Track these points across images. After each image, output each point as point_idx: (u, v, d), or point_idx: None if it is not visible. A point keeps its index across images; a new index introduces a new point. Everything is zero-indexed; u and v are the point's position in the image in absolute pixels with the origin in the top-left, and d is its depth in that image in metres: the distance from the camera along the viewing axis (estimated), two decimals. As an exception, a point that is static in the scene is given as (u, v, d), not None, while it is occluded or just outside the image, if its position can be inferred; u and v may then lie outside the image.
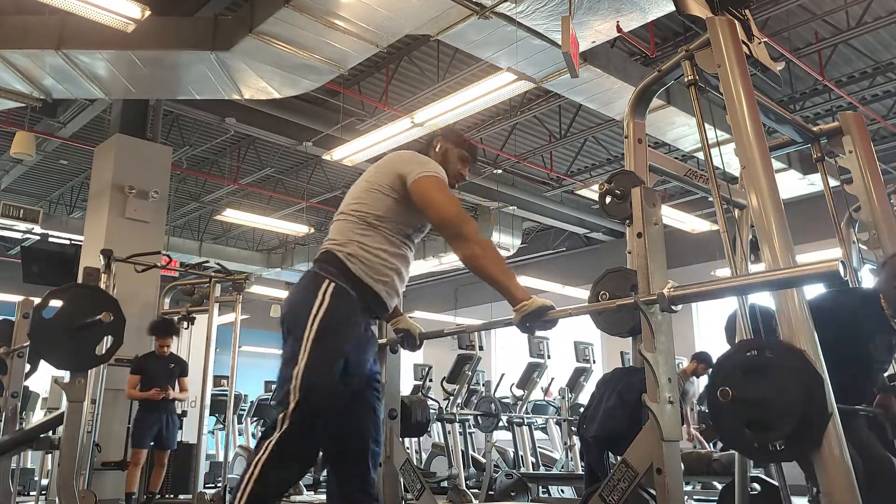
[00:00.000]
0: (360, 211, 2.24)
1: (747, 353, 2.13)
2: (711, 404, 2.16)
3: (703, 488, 6.59)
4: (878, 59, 7.74)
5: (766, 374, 2.07)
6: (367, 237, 2.19)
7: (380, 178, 2.27)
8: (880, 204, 3.20)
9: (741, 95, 2.52)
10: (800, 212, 6.45)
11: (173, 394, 6.08)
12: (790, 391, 2.01)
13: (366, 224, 2.20)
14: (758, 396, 2.03)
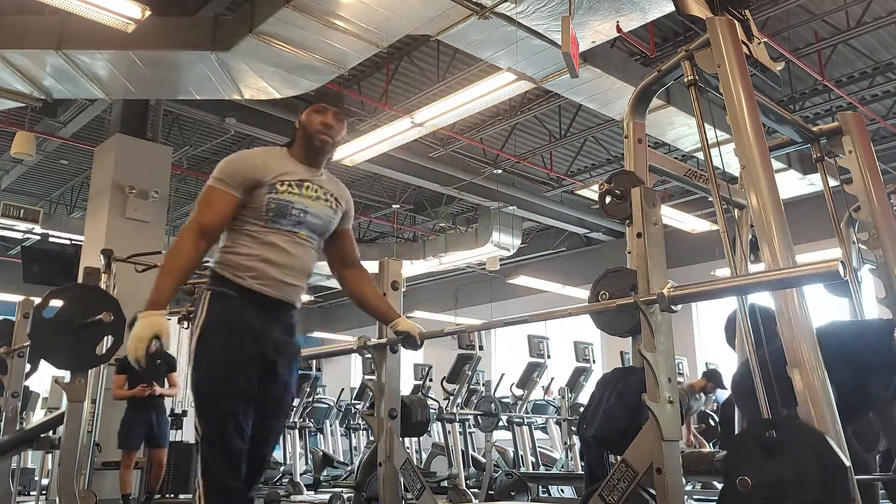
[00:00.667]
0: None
1: (765, 432, 2.04)
2: (727, 493, 2.09)
3: (703, 488, 6.59)
4: (878, 60, 7.75)
5: (786, 457, 1.98)
6: (227, 241, 2.27)
7: None
8: (880, 204, 3.20)
9: (741, 95, 2.52)
10: (800, 212, 6.45)
11: (160, 390, 6.03)
12: (812, 479, 1.91)
13: (227, 232, 2.28)
14: (776, 481, 1.94)
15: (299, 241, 2.29)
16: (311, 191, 2.32)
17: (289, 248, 2.26)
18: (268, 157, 2.33)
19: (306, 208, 2.29)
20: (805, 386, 2.15)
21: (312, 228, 2.32)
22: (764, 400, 2.12)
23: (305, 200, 2.30)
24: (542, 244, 13.83)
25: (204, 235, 2.20)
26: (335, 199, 2.41)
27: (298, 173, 2.32)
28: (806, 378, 2.17)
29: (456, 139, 9.63)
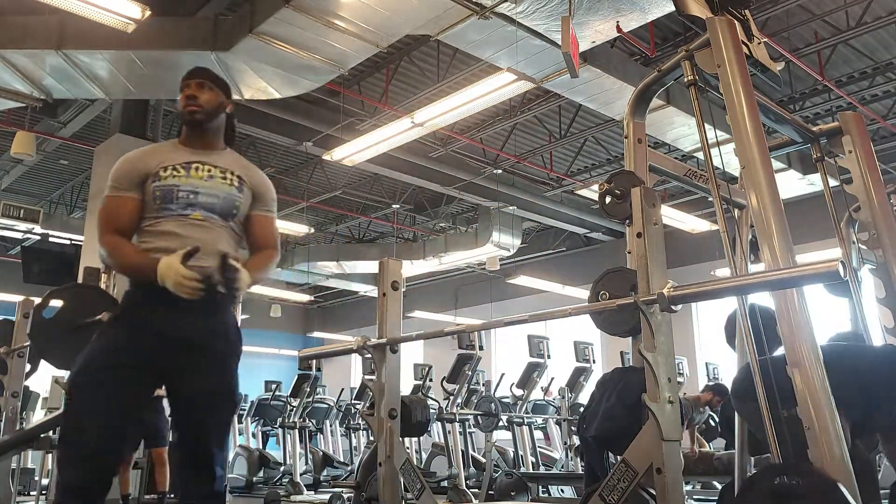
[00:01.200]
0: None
1: (775, 479, 2.02)
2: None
3: (703, 488, 6.60)
4: (878, 60, 7.75)
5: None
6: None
7: None
8: (880, 204, 3.20)
9: (741, 96, 2.52)
10: (800, 212, 6.47)
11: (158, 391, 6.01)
12: None
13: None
14: None
15: (195, 224, 2.18)
16: (202, 171, 2.25)
17: (182, 231, 2.17)
18: (153, 151, 2.32)
19: (196, 189, 2.21)
20: (805, 386, 2.15)
21: (209, 208, 2.22)
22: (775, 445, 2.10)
23: (195, 181, 2.23)
24: (541, 244, 13.83)
25: (116, 234, 2.19)
26: (237, 177, 2.32)
27: (185, 157, 2.27)
28: (806, 378, 2.17)
29: (456, 139, 9.63)
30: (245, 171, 2.37)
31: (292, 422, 8.62)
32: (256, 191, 2.38)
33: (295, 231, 12.06)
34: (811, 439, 2.10)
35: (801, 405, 2.14)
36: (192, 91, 2.31)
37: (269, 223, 2.41)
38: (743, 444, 2.93)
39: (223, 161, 2.34)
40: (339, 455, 10.10)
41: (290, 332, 18.18)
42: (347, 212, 12.77)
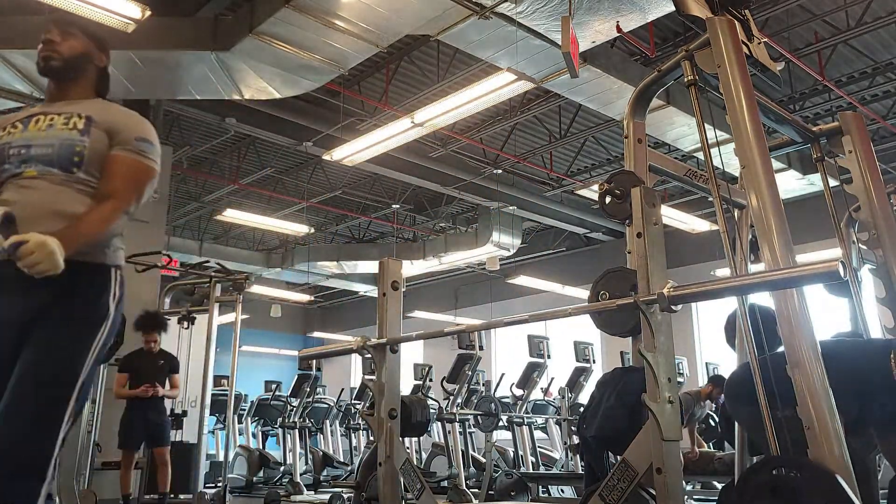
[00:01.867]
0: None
1: (773, 471, 2.04)
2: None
3: (703, 488, 6.60)
4: (878, 60, 7.75)
5: (796, 499, 1.96)
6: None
7: None
8: (880, 204, 3.20)
9: (741, 96, 2.52)
10: (800, 211, 6.46)
11: (162, 391, 5.99)
12: None
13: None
14: None
15: (25, 183, 1.86)
16: (42, 122, 1.93)
17: (11, 196, 1.85)
18: (9, 115, 2.05)
19: (29, 142, 1.89)
20: (805, 386, 2.15)
21: (45, 161, 1.87)
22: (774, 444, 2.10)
23: (30, 134, 1.91)
24: (541, 244, 13.84)
25: None
26: (84, 118, 1.93)
27: (32, 112, 1.98)
28: (806, 378, 2.17)
29: (456, 139, 9.63)
30: (101, 112, 1.98)
31: (292, 422, 8.62)
32: (111, 128, 1.95)
33: (295, 231, 12.07)
34: (811, 439, 2.10)
35: (801, 405, 2.14)
36: (51, 36, 2.04)
37: (119, 163, 1.93)
38: (743, 443, 2.93)
39: (73, 107, 1.97)
40: (339, 455, 10.10)
41: (290, 333, 18.19)
42: (347, 212, 12.78)
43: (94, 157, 1.90)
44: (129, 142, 1.95)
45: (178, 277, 7.94)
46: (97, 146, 1.91)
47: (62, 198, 1.86)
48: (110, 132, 1.94)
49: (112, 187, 1.92)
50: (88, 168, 1.89)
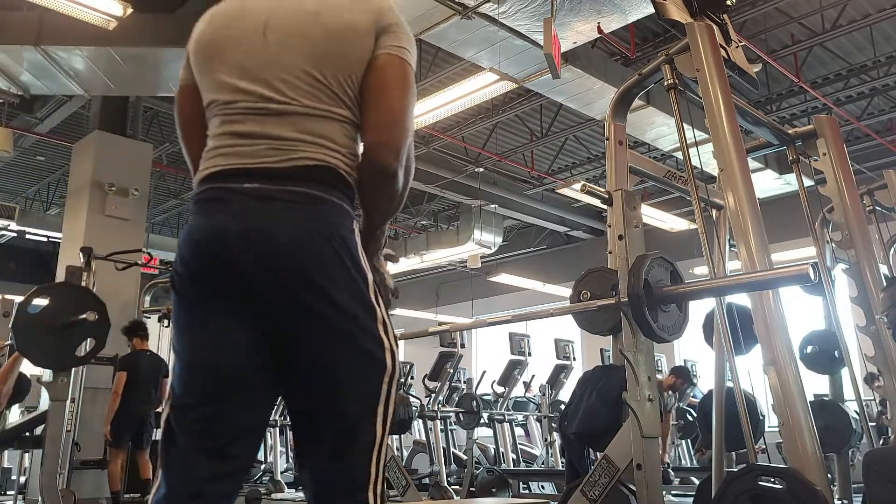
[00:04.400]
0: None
1: (757, 479, 2.07)
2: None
3: (680, 483, 6.69)
4: (853, 62, 7.89)
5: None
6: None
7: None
8: (853, 205, 3.28)
9: (719, 100, 2.58)
10: (776, 211, 6.56)
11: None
12: None
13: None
14: None
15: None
16: None
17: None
18: None
19: None
20: (780, 383, 2.21)
21: None
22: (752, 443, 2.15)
23: None
24: (523, 242, 13.90)
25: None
26: None
27: None
28: (781, 375, 2.23)
29: (438, 137, 9.65)
30: None
31: (273, 419, 8.60)
32: None
33: (276, 228, 11.97)
34: (785, 436, 2.16)
35: (775, 402, 2.20)
36: None
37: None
38: (721, 440, 2.99)
39: None
40: (321, 453, 10.08)
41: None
42: (329, 209, 12.73)
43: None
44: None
45: (158, 275, 7.90)
46: None
47: None
48: None
49: None
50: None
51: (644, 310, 2.04)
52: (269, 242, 1.23)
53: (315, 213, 1.27)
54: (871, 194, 4.14)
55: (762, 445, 3.15)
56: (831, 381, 3.79)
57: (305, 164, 1.28)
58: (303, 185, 1.27)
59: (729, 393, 2.85)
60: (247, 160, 1.29)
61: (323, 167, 1.29)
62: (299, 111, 1.30)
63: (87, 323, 3.69)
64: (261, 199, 1.26)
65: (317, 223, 1.26)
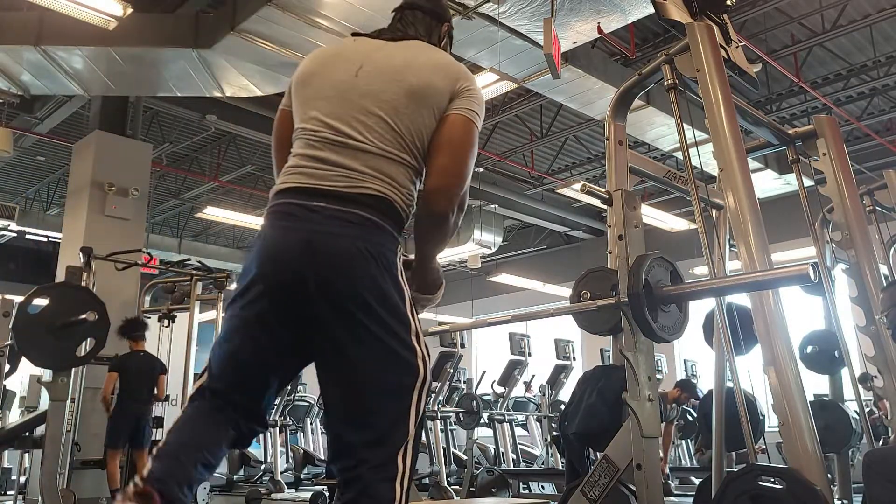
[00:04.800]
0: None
1: (757, 479, 2.06)
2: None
3: (680, 483, 6.70)
4: (852, 62, 7.89)
5: None
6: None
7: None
8: (852, 205, 3.28)
9: (719, 101, 2.58)
10: (776, 210, 6.56)
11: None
12: None
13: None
14: None
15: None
16: None
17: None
18: None
19: None
20: (779, 383, 2.21)
21: None
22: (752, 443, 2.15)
23: None
24: (523, 242, 13.90)
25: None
26: None
27: None
28: (781, 375, 2.23)
29: (438, 137, 9.64)
30: None
31: (273, 420, 8.60)
32: None
33: (276, 228, 11.98)
34: (785, 436, 2.16)
35: (775, 402, 2.20)
36: None
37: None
38: (721, 440, 2.99)
39: None
40: (320, 453, 10.09)
41: (270, 330, 18.08)
42: (329, 209, 12.73)
43: None
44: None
45: (158, 275, 7.90)
46: None
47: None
48: None
49: None
50: None
51: (644, 310, 2.04)
52: (326, 253, 1.45)
53: (366, 232, 1.48)
54: (871, 194, 4.14)
55: (762, 445, 3.15)
56: (831, 381, 3.79)
57: (367, 192, 1.51)
58: (361, 209, 1.49)
59: (729, 393, 2.85)
60: (320, 182, 1.51)
61: (381, 198, 1.52)
62: (370, 150, 1.53)
63: (87, 323, 3.69)
64: (325, 216, 1.47)
65: (366, 241, 1.47)
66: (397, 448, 1.45)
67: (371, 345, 1.45)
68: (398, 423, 1.46)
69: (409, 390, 1.48)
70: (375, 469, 1.43)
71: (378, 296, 1.45)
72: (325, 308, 1.44)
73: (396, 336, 1.47)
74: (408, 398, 1.48)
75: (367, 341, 1.45)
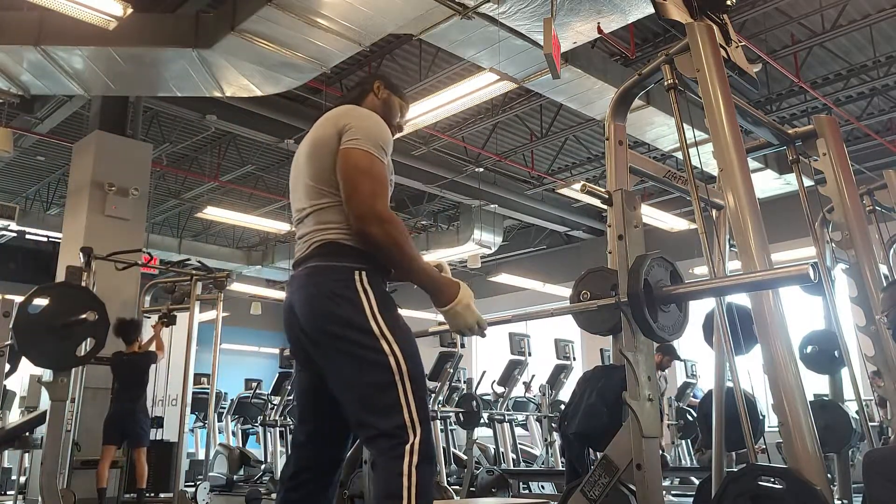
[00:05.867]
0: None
1: (757, 479, 2.06)
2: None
3: (681, 483, 6.70)
4: (852, 62, 7.89)
5: None
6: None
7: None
8: (853, 205, 3.28)
9: (719, 100, 2.58)
10: (776, 210, 6.56)
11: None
12: None
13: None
14: None
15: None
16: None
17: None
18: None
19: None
20: (780, 384, 2.21)
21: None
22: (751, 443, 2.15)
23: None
24: (523, 242, 13.90)
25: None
26: None
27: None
28: (781, 375, 2.23)
29: (438, 137, 9.65)
30: None
31: (273, 420, 8.60)
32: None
33: (276, 229, 12.01)
34: (785, 436, 2.16)
35: (775, 403, 2.20)
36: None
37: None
38: (720, 440, 2.99)
39: None
40: (321, 453, 10.08)
41: (270, 330, 18.07)
42: (329, 209, 12.73)
43: None
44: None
45: (158, 275, 7.90)
46: None
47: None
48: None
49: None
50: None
51: (644, 310, 2.04)
52: (296, 304, 1.86)
53: (316, 277, 1.85)
54: (871, 194, 4.14)
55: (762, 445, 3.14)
56: (831, 381, 3.79)
57: (315, 245, 1.88)
58: (313, 261, 1.87)
59: (729, 393, 2.85)
60: (297, 255, 1.95)
61: (326, 243, 1.87)
62: (309, 211, 1.92)
63: (87, 323, 3.69)
64: (298, 277, 1.90)
65: (317, 285, 1.83)
66: (399, 434, 1.71)
67: (340, 360, 1.79)
68: (391, 414, 1.72)
69: (390, 385, 1.74)
70: (384, 452, 1.71)
71: (333, 320, 1.78)
72: (306, 345, 1.87)
73: (360, 345, 1.76)
74: (392, 391, 1.74)
75: (336, 359, 1.80)
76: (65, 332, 3.71)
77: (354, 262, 1.84)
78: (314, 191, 1.89)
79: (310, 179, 1.91)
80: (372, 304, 1.80)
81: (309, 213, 1.91)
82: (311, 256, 1.87)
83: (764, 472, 2.08)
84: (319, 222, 1.88)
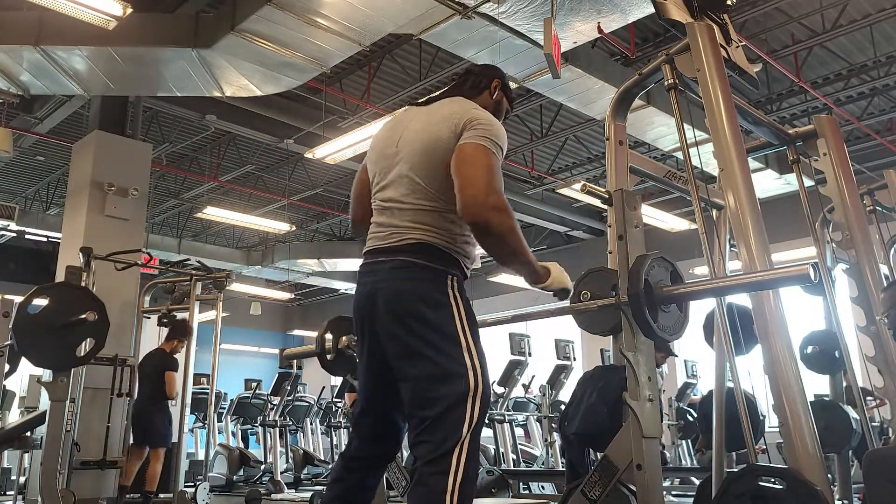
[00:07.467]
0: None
1: (757, 479, 2.06)
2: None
3: (681, 483, 6.69)
4: (853, 62, 7.88)
5: None
6: (455, 219, 1.95)
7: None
8: (853, 205, 3.28)
9: (720, 100, 2.58)
10: (776, 210, 6.56)
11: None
12: None
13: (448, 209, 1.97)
14: None
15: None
16: None
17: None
18: None
19: None
20: (780, 384, 2.21)
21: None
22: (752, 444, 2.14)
23: None
24: (522, 242, 13.88)
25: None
26: None
27: None
28: (781, 375, 2.23)
29: (438, 137, 9.64)
30: None
31: (272, 420, 8.60)
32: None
33: (276, 229, 12.01)
34: (785, 436, 2.16)
35: (776, 403, 2.20)
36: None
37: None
38: (721, 440, 2.99)
39: None
40: (320, 453, 10.09)
41: (270, 330, 18.10)
42: (328, 209, 12.75)
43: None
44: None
45: (158, 275, 7.89)
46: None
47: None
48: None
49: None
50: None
51: (644, 310, 2.04)
52: (379, 295, 1.87)
53: (407, 272, 1.87)
54: (871, 194, 4.13)
55: (762, 445, 3.15)
56: (831, 381, 3.79)
57: (409, 241, 1.89)
58: (403, 255, 1.88)
59: (729, 393, 2.85)
60: (380, 242, 1.94)
61: (422, 243, 1.88)
62: (406, 208, 1.91)
63: (87, 323, 3.68)
64: (384, 268, 1.90)
65: (409, 281, 1.86)
66: (449, 448, 1.72)
67: (419, 361, 1.80)
68: (452, 426, 1.75)
69: (462, 400, 1.77)
70: (429, 464, 1.72)
71: (423, 320, 1.81)
72: (386, 340, 1.87)
73: (444, 353, 1.80)
74: (462, 407, 1.77)
75: (414, 358, 1.81)
76: (64, 333, 3.70)
77: (448, 267, 1.90)
78: (422, 191, 1.90)
79: (420, 177, 1.90)
80: (461, 314, 1.86)
81: (408, 208, 1.90)
82: (403, 251, 1.88)
83: (764, 472, 2.08)
84: (418, 221, 1.89)
